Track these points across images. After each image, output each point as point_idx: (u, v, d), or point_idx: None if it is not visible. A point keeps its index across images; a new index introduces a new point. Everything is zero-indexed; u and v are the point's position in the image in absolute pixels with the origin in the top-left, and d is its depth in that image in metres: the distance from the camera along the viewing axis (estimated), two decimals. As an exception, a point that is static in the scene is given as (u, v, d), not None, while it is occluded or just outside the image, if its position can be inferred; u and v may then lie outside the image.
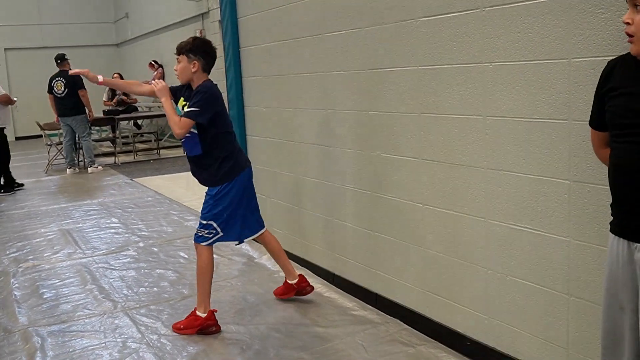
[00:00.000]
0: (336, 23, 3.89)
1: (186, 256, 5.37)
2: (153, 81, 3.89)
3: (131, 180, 9.79)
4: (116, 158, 12.00)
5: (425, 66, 3.22)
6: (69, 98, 10.81)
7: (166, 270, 5.01)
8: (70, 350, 3.62)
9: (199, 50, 3.64)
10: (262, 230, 4.00)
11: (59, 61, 11.06)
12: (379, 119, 3.62)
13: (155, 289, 4.58)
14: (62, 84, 10.81)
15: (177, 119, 3.56)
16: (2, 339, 3.84)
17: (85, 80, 10.27)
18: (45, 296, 4.59)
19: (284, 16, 4.49)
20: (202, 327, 3.70)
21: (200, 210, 3.81)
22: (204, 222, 3.72)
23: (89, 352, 3.57)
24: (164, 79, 15.56)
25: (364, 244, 3.95)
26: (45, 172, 11.28)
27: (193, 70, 3.64)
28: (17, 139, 18.63)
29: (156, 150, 12.79)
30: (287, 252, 4.24)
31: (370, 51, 3.62)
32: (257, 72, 5.02)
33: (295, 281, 4.08)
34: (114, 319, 4.05)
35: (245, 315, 3.94)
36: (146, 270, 5.05)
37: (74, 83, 10.76)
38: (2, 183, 9.51)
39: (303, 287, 4.09)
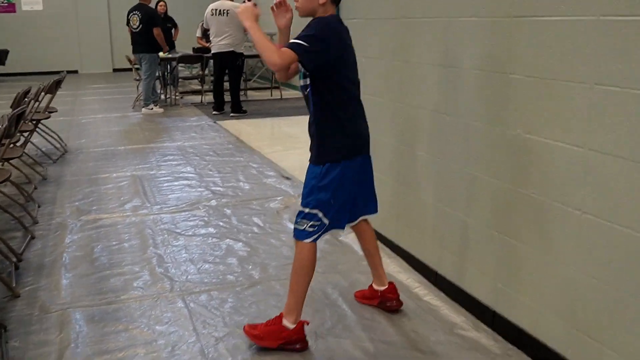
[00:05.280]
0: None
1: (260, 224, 4.64)
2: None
3: (214, 122, 9.18)
4: (202, 97, 11.46)
5: (607, 16, 2.22)
6: (143, 34, 10.07)
7: (236, 241, 4.29)
8: (106, 349, 2.92)
9: None
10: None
11: None
12: (524, 85, 2.66)
13: (221, 267, 3.87)
14: (138, 18, 10.08)
15: (274, 46, 2.59)
16: (35, 322, 3.20)
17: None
18: (96, 263, 3.96)
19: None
20: (287, 341, 2.85)
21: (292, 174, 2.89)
22: (306, 210, 2.80)
23: (129, 356, 2.88)
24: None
25: (484, 245, 3.05)
26: (132, 108, 10.87)
27: (321, 1, 2.69)
28: (115, 70, 18.42)
29: (243, 91, 12.10)
30: (377, 233, 3.39)
31: (520, -9, 2.64)
32: (358, 13, 4.10)
33: (382, 289, 3.21)
34: (168, 303, 3.37)
35: (325, 321, 3.15)
36: (214, 239, 4.34)
37: (150, 19, 10.07)
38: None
39: (388, 299, 3.20)
